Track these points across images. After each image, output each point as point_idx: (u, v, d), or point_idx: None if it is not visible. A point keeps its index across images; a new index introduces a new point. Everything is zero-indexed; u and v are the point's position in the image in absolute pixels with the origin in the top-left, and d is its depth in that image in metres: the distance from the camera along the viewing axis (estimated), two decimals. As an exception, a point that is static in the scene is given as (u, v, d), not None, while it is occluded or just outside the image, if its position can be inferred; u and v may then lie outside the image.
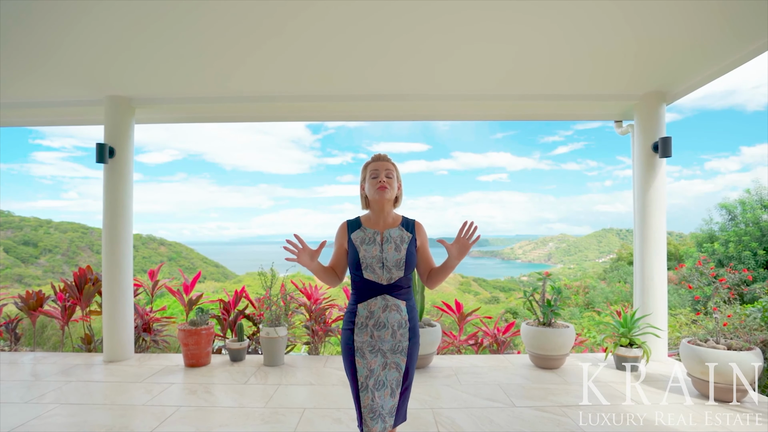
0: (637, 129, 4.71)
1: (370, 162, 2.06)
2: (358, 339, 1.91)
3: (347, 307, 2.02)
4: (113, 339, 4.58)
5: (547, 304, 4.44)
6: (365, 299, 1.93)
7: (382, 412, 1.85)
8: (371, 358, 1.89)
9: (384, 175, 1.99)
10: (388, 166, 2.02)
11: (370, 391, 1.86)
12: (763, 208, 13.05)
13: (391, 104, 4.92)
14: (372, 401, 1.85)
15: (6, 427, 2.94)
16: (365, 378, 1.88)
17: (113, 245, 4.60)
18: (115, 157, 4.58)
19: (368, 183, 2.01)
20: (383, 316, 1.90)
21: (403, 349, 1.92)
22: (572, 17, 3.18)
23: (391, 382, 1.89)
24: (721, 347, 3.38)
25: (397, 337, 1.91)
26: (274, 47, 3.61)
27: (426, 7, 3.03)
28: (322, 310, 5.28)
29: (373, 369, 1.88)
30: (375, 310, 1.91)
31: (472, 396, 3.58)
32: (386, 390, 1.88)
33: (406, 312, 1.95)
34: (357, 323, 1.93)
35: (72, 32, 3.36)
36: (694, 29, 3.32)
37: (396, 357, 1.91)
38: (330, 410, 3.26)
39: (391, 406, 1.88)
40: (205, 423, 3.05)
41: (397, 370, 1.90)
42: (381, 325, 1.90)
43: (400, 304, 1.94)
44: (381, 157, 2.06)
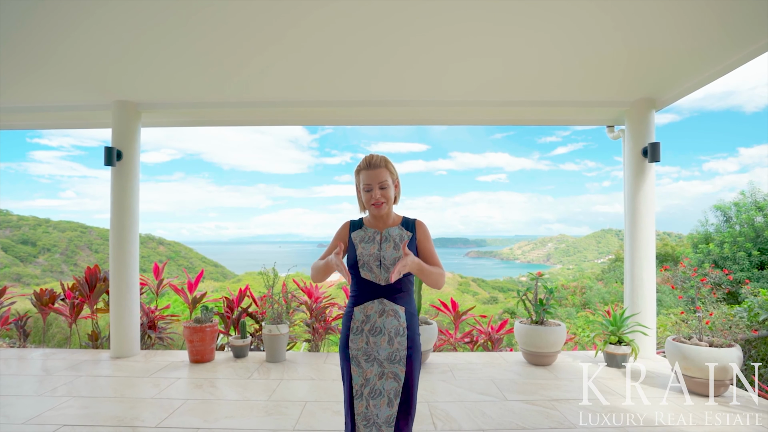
0: (628, 134, 4.88)
1: (362, 169, 1.90)
2: (353, 345, 1.85)
3: (345, 309, 1.97)
4: (120, 336, 4.74)
5: (539, 303, 4.61)
6: (362, 302, 1.88)
7: (377, 421, 1.78)
8: (367, 367, 1.83)
9: (378, 187, 1.86)
10: (381, 176, 1.86)
11: (364, 398, 1.81)
12: (757, 209, 13.24)
13: (391, 110, 5.08)
14: (366, 409, 1.80)
15: (23, 418, 3.10)
16: (360, 386, 1.82)
17: (120, 245, 4.77)
18: (122, 159, 4.74)
19: (363, 194, 1.91)
20: (379, 321, 1.84)
21: (401, 358, 1.83)
22: (564, 28, 3.32)
23: (388, 391, 1.81)
24: (704, 344, 3.54)
25: (395, 345, 1.83)
26: (277, 54, 3.77)
27: (426, 18, 3.18)
28: (323, 308, 5.44)
29: (369, 378, 1.82)
30: (371, 314, 1.85)
31: (466, 390, 3.74)
32: (382, 399, 1.80)
33: (405, 319, 1.87)
34: (352, 327, 1.87)
35: (83, 41, 3.51)
36: (682, 38, 3.45)
37: (394, 367, 1.82)
38: (330, 403, 3.42)
39: (388, 416, 1.79)
40: (211, 414, 3.21)
41: (395, 380, 1.82)
42: (377, 331, 1.83)
43: (399, 309, 1.86)
44: (373, 164, 1.88)
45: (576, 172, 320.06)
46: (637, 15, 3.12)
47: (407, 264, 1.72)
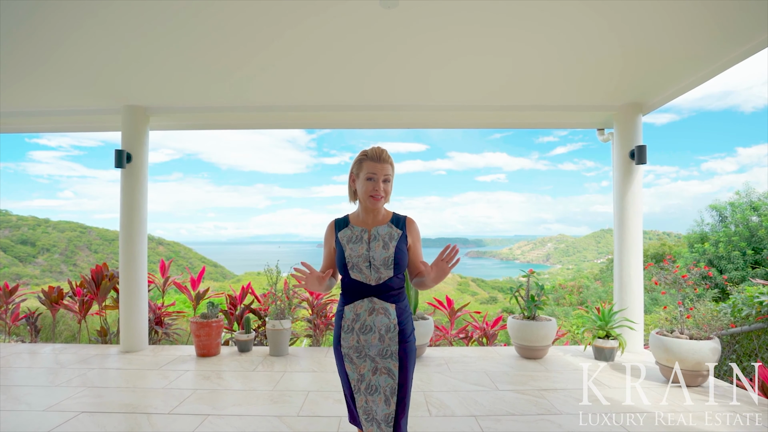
0: (616, 137, 5.09)
1: (368, 159, 1.85)
2: (345, 344, 1.85)
3: (337, 308, 1.95)
4: (129, 331, 4.94)
5: (531, 299, 4.81)
6: (352, 301, 1.87)
7: (376, 417, 1.80)
8: (360, 363, 1.84)
9: (382, 180, 1.84)
10: (387, 170, 1.85)
11: (362, 394, 1.83)
12: (752, 209, 13.46)
13: (385, 113, 5.28)
14: (366, 403, 1.82)
15: (43, 406, 3.30)
16: (357, 382, 1.84)
17: (130, 244, 4.96)
18: (131, 162, 4.94)
19: (362, 182, 1.85)
20: (369, 320, 1.83)
21: (392, 353, 1.82)
22: (553, 39, 3.51)
23: (384, 388, 1.81)
24: (684, 337, 3.75)
25: (386, 341, 1.82)
26: (277, 64, 3.98)
27: (417, 23, 3.32)
28: (323, 305, 5.64)
29: (364, 374, 1.83)
30: (361, 312, 1.84)
31: (460, 381, 3.95)
32: (379, 396, 1.81)
33: (395, 315, 1.85)
34: (344, 326, 1.87)
35: (95, 49, 3.70)
36: (664, 46, 3.63)
37: (386, 362, 1.82)
38: (332, 392, 3.63)
39: (386, 414, 1.79)
40: (219, 402, 3.41)
41: (389, 375, 1.82)
42: (367, 329, 1.82)
43: (389, 307, 1.84)
44: (382, 158, 1.85)
45: (575, 171, 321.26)
46: (623, 22, 3.25)
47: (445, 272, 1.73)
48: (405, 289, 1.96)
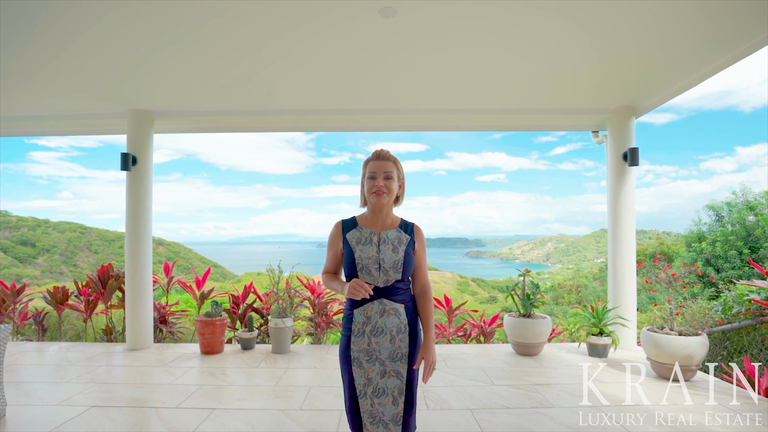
0: (609, 140, 5.22)
1: (370, 159, 1.91)
2: (355, 347, 1.84)
3: (344, 311, 1.94)
4: (135, 329, 5.07)
5: (526, 297, 4.94)
6: (361, 304, 1.85)
7: (383, 418, 1.79)
8: (369, 367, 1.82)
9: (382, 177, 1.86)
10: (388, 167, 1.87)
11: (368, 397, 1.81)
12: (748, 209, 13.60)
13: (384, 117, 5.41)
14: (371, 407, 1.81)
15: (55, 401, 3.42)
16: (363, 386, 1.82)
17: (135, 244, 5.09)
18: (137, 165, 5.06)
19: (366, 183, 1.90)
20: (381, 321, 1.82)
21: (402, 355, 1.83)
22: (543, 47, 3.65)
23: (392, 390, 1.81)
24: (673, 334, 3.88)
25: (396, 343, 1.83)
26: (279, 69, 4.11)
27: (413, 31, 3.48)
28: (324, 303, 5.77)
29: (371, 377, 1.82)
30: (372, 315, 1.83)
31: (457, 377, 4.07)
32: (387, 398, 1.81)
33: (405, 315, 1.86)
34: (354, 330, 1.85)
35: (103, 55, 3.83)
36: (655, 53, 3.76)
37: (395, 365, 1.83)
38: (333, 388, 3.75)
39: (394, 414, 1.80)
40: (224, 397, 3.54)
41: (398, 377, 1.82)
42: (379, 331, 1.82)
43: (399, 307, 1.85)
44: (381, 156, 1.90)
45: (574, 171, 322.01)
46: (611, 32, 3.40)
47: (432, 362, 1.81)
48: (410, 290, 1.96)
